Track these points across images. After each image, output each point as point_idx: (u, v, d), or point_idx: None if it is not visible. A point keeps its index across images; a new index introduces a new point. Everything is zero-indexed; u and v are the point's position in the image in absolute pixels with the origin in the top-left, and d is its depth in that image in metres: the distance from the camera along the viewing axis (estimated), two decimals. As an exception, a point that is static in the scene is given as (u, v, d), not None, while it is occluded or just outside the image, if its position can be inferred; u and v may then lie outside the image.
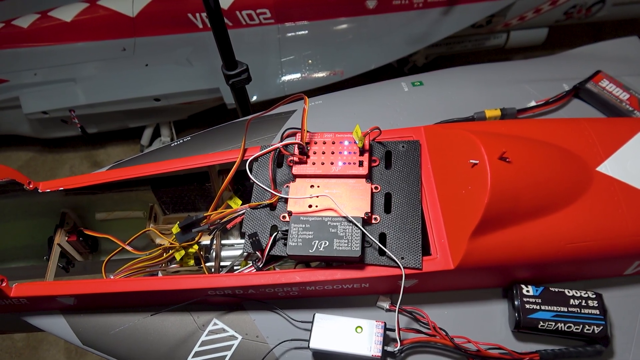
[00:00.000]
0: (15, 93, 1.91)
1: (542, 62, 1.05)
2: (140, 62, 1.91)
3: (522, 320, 0.70)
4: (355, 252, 0.68)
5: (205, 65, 1.87)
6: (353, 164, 0.76)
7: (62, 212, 0.94)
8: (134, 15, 1.92)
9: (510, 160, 0.69)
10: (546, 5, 1.96)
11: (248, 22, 1.91)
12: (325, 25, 1.89)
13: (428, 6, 1.89)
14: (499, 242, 0.68)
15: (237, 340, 0.74)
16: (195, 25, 1.92)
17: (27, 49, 1.96)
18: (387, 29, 1.89)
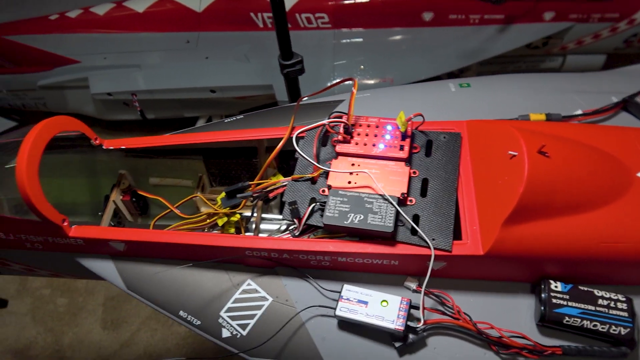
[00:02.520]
0: (85, 74, 2.05)
1: (593, 76, 1.06)
2: (201, 54, 2.02)
3: (548, 314, 0.70)
4: (388, 228, 0.71)
5: (261, 63, 1.96)
6: (394, 147, 0.79)
7: (120, 173, 1.02)
8: (200, 10, 2.03)
9: (549, 155, 0.71)
10: (606, 32, 1.94)
11: (306, 25, 1.99)
12: (380, 33, 1.95)
13: (484, 23, 1.91)
14: (531, 233, 0.70)
15: (268, 301, 0.78)
16: (256, 24, 2.01)
17: (101, 34, 2.11)
18: (441, 42, 1.92)
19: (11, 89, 2.22)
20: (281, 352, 0.76)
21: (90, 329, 2.17)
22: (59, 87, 2.14)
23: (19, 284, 2.29)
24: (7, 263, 0.92)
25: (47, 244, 0.83)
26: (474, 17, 1.89)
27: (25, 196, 0.73)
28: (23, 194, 0.73)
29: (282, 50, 1.18)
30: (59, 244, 0.82)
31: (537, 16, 1.89)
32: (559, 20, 1.89)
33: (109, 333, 2.15)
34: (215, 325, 0.78)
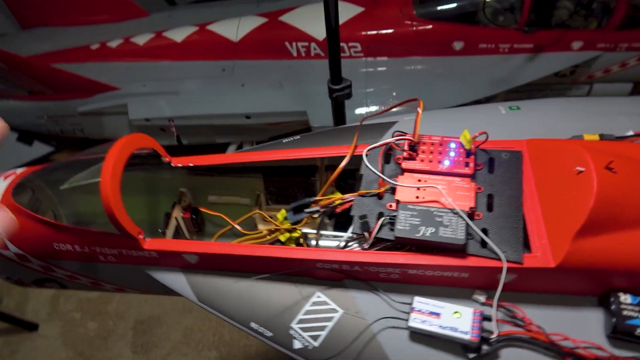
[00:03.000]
0: (124, 100, 2.13)
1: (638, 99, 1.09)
2: (237, 82, 2.09)
3: (619, 325, 0.72)
4: (460, 240, 0.74)
5: (295, 90, 2.02)
6: (459, 164, 0.82)
7: (180, 191, 1.05)
8: (237, 40, 2.11)
9: (615, 171, 0.73)
10: (633, 60, 1.98)
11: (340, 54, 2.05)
12: (410, 62, 2.01)
13: (513, 52, 1.96)
14: (601, 246, 0.72)
15: (339, 313, 0.80)
16: (290, 53, 2.08)
17: (140, 63, 2.19)
18: (471, 70, 1.98)
19: (51, 115, 2.30)
20: (353, 364, 0.77)
21: (121, 353, 2.17)
22: (98, 113, 2.21)
23: (50, 306, 2.31)
24: (76, 277, 0.95)
25: (120, 257, 0.86)
26: (504, 46, 1.95)
27: (109, 208, 0.77)
28: (106, 206, 0.77)
29: (333, 75, 1.23)
30: (132, 256, 0.85)
31: (565, 45, 1.94)
32: (587, 49, 1.94)
33: (139, 357, 2.16)
34: (287, 337, 0.80)
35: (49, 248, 0.88)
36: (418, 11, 1.97)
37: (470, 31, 1.94)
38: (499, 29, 1.93)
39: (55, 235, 0.86)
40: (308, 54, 2.07)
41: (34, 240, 0.88)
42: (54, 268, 0.92)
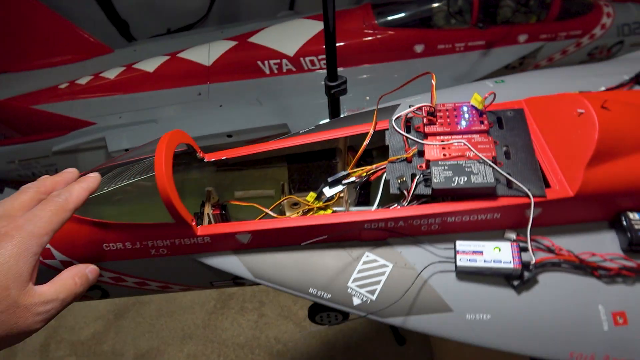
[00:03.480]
0: (101, 134, 2.12)
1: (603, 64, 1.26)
2: (214, 103, 2.15)
3: (634, 237, 0.83)
4: (491, 183, 0.83)
5: (274, 105, 2.10)
6: (475, 122, 0.93)
7: (207, 190, 1.09)
8: (209, 64, 2.18)
9: (609, 109, 0.86)
10: (572, 47, 2.22)
11: (310, 67, 2.17)
12: (380, 68, 2.15)
13: (468, 49, 2.15)
14: (609, 173, 0.83)
15: (389, 267, 0.87)
16: (263, 71, 2.17)
17: (114, 96, 2.21)
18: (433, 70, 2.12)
19: (23, 159, 2.25)
20: (411, 308, 0.84)
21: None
22: (74, 150, 2.19)
23: (40, 356, 2.20)
24: (123, 278, 0.96)
25: (173, 248, 0.89)
26: (459, 45, 2.13)
27: (166, 196, 0.81)
28: (163, 194, 0.81)
29: (330, 74, 1.33)
30: (184, 245, 0.89)
31: (512, 39, 2.15)
32: (531, 41, 2.16)
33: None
34: (346, 296, 0.86)
35: (99, 250, 0.90)
36: (379, 21, 2.13)
37: (429, 34, 2.11)
38: (453, 30, 2.12)
39: (106, 235, 0.88)
40: (280, 71, 2.17)
41: (82, 244, 0.90)
42: (101, 272, 0.93)
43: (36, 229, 0.57)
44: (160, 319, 2.27)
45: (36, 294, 0.57)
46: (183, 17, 2.79)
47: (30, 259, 0.56)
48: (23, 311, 0.55)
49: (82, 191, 0.65)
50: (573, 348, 0.81)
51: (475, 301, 0.83)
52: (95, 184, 0.68)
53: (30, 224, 0.57)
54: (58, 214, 0.60)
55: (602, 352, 0.80)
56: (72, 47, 2.42)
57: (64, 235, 0.90)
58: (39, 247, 0.57)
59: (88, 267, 0.67)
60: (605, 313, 0.82)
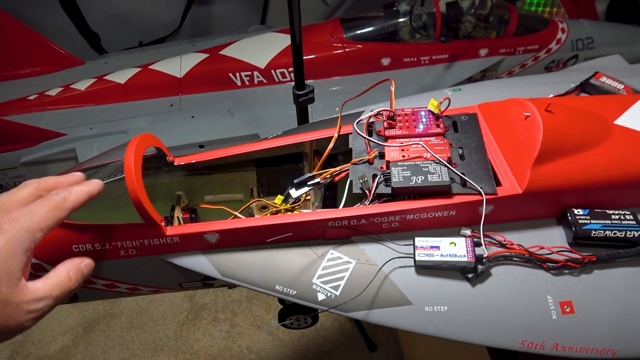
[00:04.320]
0: (72, 145, 2.12)
1: (554, 74, 1.34)
2: (186, 114, 2.17)
3: (578, 231, 0.89)
4: (446, 182, 0.89)
5: (245, 116, 2.14)
6: (432, 126, 0.99)
7: (177, 194, 1.12)
8: (181, 76, 2.21)
9: (552, 112, 0.93)
10: (530, 61, 2.33)
11: (280, 79, 2.22)
12: (348, 80, 2.21)
13: (433, 62, 2.24)
14: (554, 171, 0.90)
15: (352, 264, 0.91)
16: (235, 83, 2.21)
17: (84, 107, 2.21)
18: (400, 82, 2.22)
19: (-11, 170, 2.22)
20: (373, 302, 0.88)
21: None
22: (43, 161, 2.17)
23: (5, 372, 2.15)
24: (93, 280, 0.98)
25: (142, 248, 0.91)
26: (424, 58, 2.22)
27: (135, 196, 0.83)
28: (132, 194, 0.83)
29: (297, 83, 1.38)
30: (154, 245, 0.91)
31: (474, 53, 2.25)
32: (491, 55, 2.26)
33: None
34: (311, 292, 0.89)
35: (68, 251, 0.91)
36: (347, 35, 2.20)
37: (395, 48, 2.20)
38: (418, 44, 2.21)
39: (75, 237, 0.89)
40: (252, 82, 2.21)
41: (50, 246, 0.91)
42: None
43: (30, 224, 0.55)
44: (131, 331, 2.25)
45: (28, 291, 0.55)
46: (155, 30, 2.82)
47: (22, 255, 0.54)
48: (14, 309, 0.53)
49: (82, 193, 0.63)
50: (524, 337, 0.86)
51: (433, 294, 0.88)
52: (97, 189, 0.67)
53: (25, 219, 0.55)
54: (54, 211, 0.58)
55: (551, 340, 0.86)
56: (42, 59, 2.41)
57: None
58: (31, 242, 0.55)
59: (83, 261, 0.65)
60: (554, 303, 0.87)
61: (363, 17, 2.28)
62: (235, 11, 2.87)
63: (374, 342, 2.15)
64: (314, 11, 2.92)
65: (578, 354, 0.85)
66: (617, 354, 0.85)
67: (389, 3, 2.26)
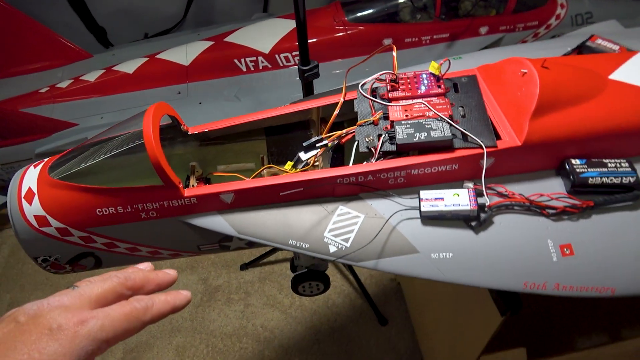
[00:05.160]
0: (84, 135, 2.18)
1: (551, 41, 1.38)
2: (194, 101, 2.22)
3: (576, 179, 0.94)
4: (448, 137, 0.93)
5: (251, 100, 2.19)
6: (433, 87, 1.03)
7: (191, 165, 1.17)
8: (187, 64, 2.26)
9: (548, 67, 0.97)
10: (530, 38, 2.36)
11: (285, 64, 2.27)
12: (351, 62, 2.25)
13: (434, 42, 2.28)
14: (551, 123, 0.94)
15: (361, 218, 0.96)
16: (240, 69, 2.26)
17: (95, 98, 2.27)
18: (402, 62, 2.26)
19: (5, 162, 2.28)
20: (382, 252, 0.93)
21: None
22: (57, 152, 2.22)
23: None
24: (115, 243, 1.03)
25: (162, 210, 0.97)
26: (425, 38, 2.26)
27: (155, 159, 0.89)
28: (152, 157, 0.89)
29: (302, 59, 1.43)
30: (173, 207, 0.96)
31: (474, 32, 2.28)
32: (492, 33, 2.30)
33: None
34: (322, 244, 0.94)
35: (92, 215, 0.97)
36: (349, 17, 2.24)
37: (396, 28, 2.24)
38: (419, 24, 2.25)
39: (98, 200, 0.95)
40: (257, 68, 2.26)
41: (76, 211, 0.96)
42: (94, 237, 1.00)
43: (99, 332, 0.47)
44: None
45: None
46: (160, 22, 2.87)
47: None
48: None
49: (165, 306, 0.55)
50: (527, 278, 0.91)
51: (439, 242, 0.93)
52: (184, 303, 0.58)
53: (96, 324, 0.47)
54: (130, 321, 0.50)
55: (553, 280, 0.90)
56: (52, 53, 2.48)
57: (58, 203, 0.97)
58: (93, 353, 0.47)
59: None
60: (554, 246, 0.92)
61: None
62: (238, 1, 2.92)
63: (385, 316, 2.20)
64: (315, -1, 2.96)
65: (579, 292, 0.89)
66: (616, 292, 0.90)
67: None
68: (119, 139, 1.01)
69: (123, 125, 1.04)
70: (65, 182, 0.96)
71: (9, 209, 1.00)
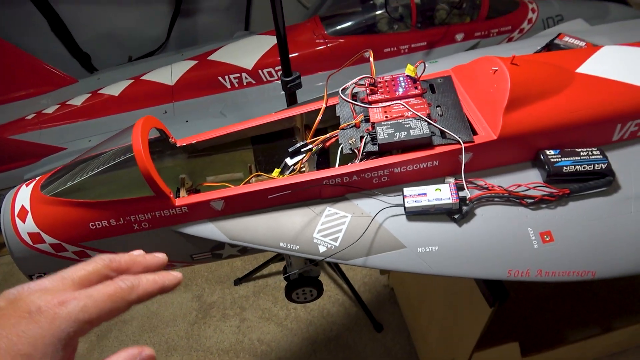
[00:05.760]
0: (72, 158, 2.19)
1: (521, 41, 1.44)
2: (181, 119, 2.25)
3: (551, 169, 0.98)
4: (427, 135, 0.97)
5: (237, 116, 2.23)
6: (410, 88, 1.08)
7: (181, 177, 1.20)
8: (172, 84, 2.29)
9: (517, 64, 1.02)
10: (505, 42, 2.43)
11: (268, 79, 2.31)
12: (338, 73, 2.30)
13: (412, 50, 2.34)
14: (524, 116, 0.99)
15: (348, 217, 0.99)
16: (225, 86, 2.30)
17: (82, 122, 2.29)
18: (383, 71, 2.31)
19: (-6, 190, 2.29)
20: (370, 249, 0.96)
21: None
22: (45, 177, 2.24)
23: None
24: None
25: (154, 220, 0.99)
26: (404, 47, 2.32)
27: (145, 170, 0.91)
28: (142, 168, 0.91)
29: (284, 70, 1.47)
30: (165, 217, 0.99)
31: (451, 39, 2.35)
32: (468, 39, 2.36)
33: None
34: (312, 245, 0.97)
35: (85, 230, 0.98)
36: (328, 30, 2.30)
37: (375, 39, 2.30)
38: (397, 34, 2.31)
39: (91, 214, 0.97)
40: (241, 84, 2.30)
41: (70, 226, 0.98)
42: (88, 251, 1.02)
43: (81, 313, 0.44)
44: (144, 335, 2.31)
45: None
46: (143, 45, 2.92)
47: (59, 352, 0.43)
48: None
49: (153, 285, 0.51)
50: (510, 266, 0.94)
51: (424, 236, 0.96)
52: (173, 284, 0.54)
53: (77, 305, 0.44)
54: (114, 301, 0.47)
55: (535, 267, 0.94)
56: (36, 80, 2.49)
57: (51, 219, 0.99)
58: (75, 335, 0.44)
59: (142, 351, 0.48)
60: (534, 234, 0.96)
61: (342, 13, 2.39)
62: (220, 20, 2.98)
63: (380, 322, 2.21)
64: (293, 15, 3.03)
65: (561, 277, 0.93)
66: (597, 275, 0.93)
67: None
68: (108, 154, 1.04)
69: (112, 140, 1.07)
70: (58, 198, 0.99)
71: (3, 229, 1.01)
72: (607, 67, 1.09)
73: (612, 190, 1.00)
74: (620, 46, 1.17)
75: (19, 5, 2.66)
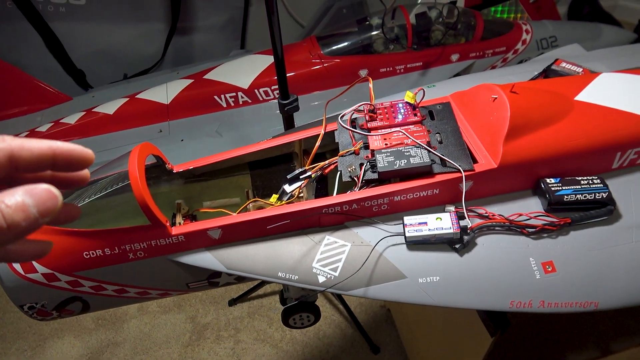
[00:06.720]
0: (65, 177, 2.16)
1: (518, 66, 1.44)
2: (176, 139, 2.24)
3: (552, 198, 0.97)
4: (427, 162, 0.96)
5: (233, 135, 2.22)
6: (410, 115, 1.07)
7: (177, 202, 1.18)
8: (168, 102, 2.28)
9: (517, 92, 1.02)
10: (499, 63, 2.45)
11: (264, 98, 2.31)
12: (329, 93, 2.31)
13: (408, 71, 2.35)
14: (524, 144, 0.98)
15: (348, 246, 0.98)
16: (220, 105, 2.29)
17: (76, 140, 2.26)
18: (379, 91, 2.32)
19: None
20: (370, 279, 0.94)
21: None
22: (38, 196, 2.20)
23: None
24: (103, 286, 1.02)
25: (149, 250, 0.97)
26: (399, 67, 2.33)
27: (141, 198, 0.90)
28: (138, 196, 0.90)
29: (282, 93, 1.46)
30: (161, 246, 0.97)
31: (446, 59, 2.36)
32: (463, 59, 2.38)
33: None
34: (311, 275, 0.95)
35: (79, 259, 0.96)
36: (325, 50, 2.31)
37: (371, 59, 2.30)
38: (393, 54, 2.32)
39: (86, 243, 0.95)
40: (237, 103, 2.29)
41: (63, 255, 0.96)
42: (82, 281, 0.99)
43: None
44: (136, 357, 2.26)
45: None
46: (138, 63, 2.91)
47: None
48: None
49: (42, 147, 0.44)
50: (512, 297, 0.93)
51: (425, 266, 0.95)
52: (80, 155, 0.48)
53: None
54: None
55: (538, 298, 0.92)
56: (30, 98, 2.47)
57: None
58: None
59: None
60: (536, 264, 0.94)
61: (338, 33, 2.40)
62: (216, 39, 2.98)
63: (377, 344, 2.19)
64: (290, 33, 3.04)
65: (564, 308, 0.92)
66: (600, 306, 0.92)
67: (361, 18, 2.39)
68: (104, 181, 1.02)
69: (108, 167, 1.05)
70: (51, 226, 0.96)
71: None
72: (605, 94, 1.09)
73: (613, 220, 0.99)
74: (618, 73, 1.18)
75: (13, 22, 2.65)
